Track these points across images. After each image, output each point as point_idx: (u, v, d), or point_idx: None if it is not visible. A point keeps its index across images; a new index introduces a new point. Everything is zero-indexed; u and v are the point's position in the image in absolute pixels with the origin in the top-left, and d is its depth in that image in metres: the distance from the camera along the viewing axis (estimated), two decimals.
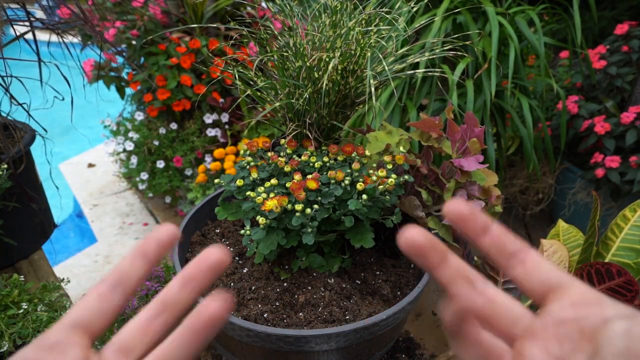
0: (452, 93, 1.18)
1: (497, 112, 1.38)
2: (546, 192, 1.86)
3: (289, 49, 0.66)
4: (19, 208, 1.05)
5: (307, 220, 0.62)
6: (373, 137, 0.75)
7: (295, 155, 0.70)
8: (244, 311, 0.64)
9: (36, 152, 1.14)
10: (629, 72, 1.71)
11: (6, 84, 0.93)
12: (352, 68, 0.65)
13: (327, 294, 0.68)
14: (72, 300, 1.02)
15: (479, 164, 0.67)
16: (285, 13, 0.69)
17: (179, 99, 1.82)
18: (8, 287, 0.87)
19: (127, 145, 1.95)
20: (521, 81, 1.42)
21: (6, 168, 0.95)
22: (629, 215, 0.77)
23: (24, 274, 1.11)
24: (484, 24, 1.30)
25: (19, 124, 1.13)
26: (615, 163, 1.55)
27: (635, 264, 0.74)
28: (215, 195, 0.85)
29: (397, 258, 0.79)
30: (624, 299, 0.66)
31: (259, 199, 0.62)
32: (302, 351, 0.59)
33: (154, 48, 1.77)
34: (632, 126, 1.57)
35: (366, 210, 0.63)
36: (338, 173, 0.63)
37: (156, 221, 2.14)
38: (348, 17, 0.66)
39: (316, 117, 0.68)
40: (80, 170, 2.67)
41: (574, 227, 0.86)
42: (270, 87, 0.69)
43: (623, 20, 1.93)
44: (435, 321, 0.98)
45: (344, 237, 0.71)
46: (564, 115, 1.48)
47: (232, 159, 1.84)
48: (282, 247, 0.66)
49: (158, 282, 1.05)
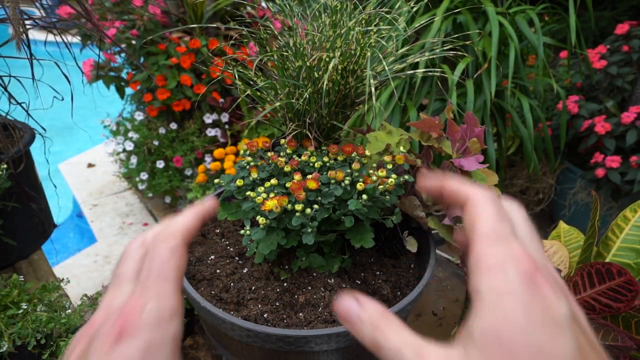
0: (452, 93, 1.18)
1: (497, 112, 1.38)
2: (546, 192, 1.86)
3: (289, 48, 0.66)
4: (18, 208, 1.05)
5: (307, 220, 0.62)
6: (373, 137, 0.75)
7: (295, 155, 0.70)
8: (244, 311, 0.64)
9: (36, 152, 1.14)
10: (629, 72, 1.71)
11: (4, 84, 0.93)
12: (352, 68, 0.65)
13: (327, 294, 0.68)
14: (72, 300, 1.02)
15: (479, 164, 0.67)
16: (285, 13, 0.69)
17: (178, 98, 1.82)
18: (8, 287, 0.87)
19: (127, 145, 1.95)
20: (521, 81, 1.42)
21: (6, 168, 0.95)
22: (630, 216, 0.77)
23: (23, 274, 1.11)
24: (484, 23, 1.30)
25: (19, 124, 1.12)
26: (616, 163, 1.55)
27: (635, 264, 0.74)
28: (215, 195, 0.85)
29: (397, 258, 0.78)
30: (624, 299, 0.65)
31: (259, 199, 0.62)
32: (302, 351, 0.59)
33: (153, 48, 1.77)
34: (633, 126, 1.57)
35: (366, 210, 0.63)
36: (338, 173, 0.63)
37: (156, 221, 2.14)
38: (348, 17, 0.66)
39: (316, 117, 0.68)
40: (80, 170, 2.67)
41: (575, 228, 0.86)
42: (270, 87, 0.69)
43: (623, 20, 1.93)
44: (435, 321, 0.98)
45: (344, 237, 0.71)
46: (564, 115, 1.48)
47: (232, 159, 1.84)
48: (282, 247, 0.65)
49: None
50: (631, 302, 0.65)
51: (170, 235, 0.26)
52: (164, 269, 0.24)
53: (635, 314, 0.66)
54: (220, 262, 0.74)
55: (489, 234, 0.25)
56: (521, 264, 0.23)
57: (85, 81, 1.83)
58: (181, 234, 0.26)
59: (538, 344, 0.21)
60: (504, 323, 0.21)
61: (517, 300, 0.22)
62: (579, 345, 0.22)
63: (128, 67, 1.90)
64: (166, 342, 0.22)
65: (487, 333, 0.22)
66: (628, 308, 0.66)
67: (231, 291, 0.67)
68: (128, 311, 0.22)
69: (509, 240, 0.24)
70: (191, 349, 1.03)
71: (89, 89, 1.72)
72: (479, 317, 0.22)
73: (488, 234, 0.25)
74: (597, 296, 0.67)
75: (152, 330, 0.22)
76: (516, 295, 0.22)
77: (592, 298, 0.68)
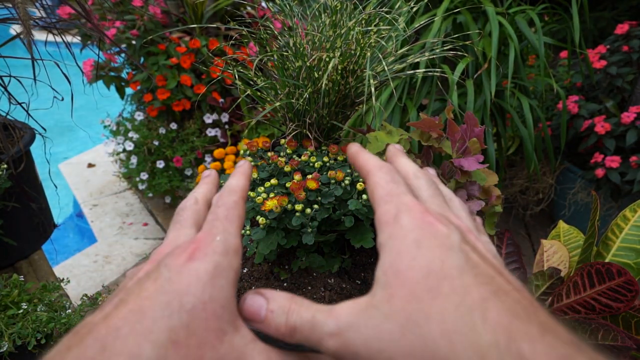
0: (452, 93, 1.18)
1: (497, 112, 1.38)
2: (546, 192, 1.86)
3: (288, 48, 0.66)
4: (18, 208, 1.05)
5: (307, 220, 0.62)
6: (373, 137, 0.75)
7: (295, 155, 0.70)
8: None
9: (36, 152, 1.14)
10: (629, 72, 1.71)
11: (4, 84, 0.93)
12: (352, 68, 0.65)
13: (327, 294, 0.68)
14: (72, 300, 1.02)
15: (479, 164, 0.67)
16: (285, 13, 0.69)
17: (178, 99, 1.82)
18: (8, 287, 0.87)
19: (127, 145, 1.95)
20: (521, 81, 1.42)
21: (6, 168, 0.95)
22: (629, 216, 0.77)
23: (23, 274, 1.11)
24: (484, 24, 1.30)
25: (19, 124, 1.12)
26: (616, 163, 1.55)
27: (635, 264, 0.74)
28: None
29: None
30: (624, 299, 0.65)
31: (259, 199, 0.62)
32: (302, 351, 0.59)
33: (153, 48, 1.77)
34: (633, 126, 1.57)
35: (366, 210, 0.63)
36: (338, 173, 0.63)
37: (156, 221, 2.14)
38: (348, 17, 0.66)
39: (316, 117, 0.68)
40: (80, 170, 2.67)
41: (574, 228, 0.86)
42: (270, 87, 0.69)
43: (623, 20, 1.93)
44: None
45: (344, 237, 0.71)
46: (564, 115, 1.48)
47: (232, 159, 1.84)
48: (282, 247, 0.66)
49: None
50: (631, 302, 0.65)
51: (233, 191, 0.29)
52: (230, 214, 0.27)
53: (635, 314, 0.66)
54: None
55: (383, 196, 0.27)
56: (413, 212, 0.25)
57: (86, 81, 1.83)
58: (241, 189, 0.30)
59: (427, 265, 0.22)
60: (398, 258, 0.23)
61: (410, 238, 0.24)
62: (468, 259, 0.23)
63: (128, 67, 1.90)
64: (231, 269, 0.25)
65: (386, 272, 0.23)
66: (628, 308, 0.66)
67: None
68: (200, 240, 0.25)
69: (400, 197, 0.26)
70: None
71: (89, 89, 1.72)
72: (380, 263, 0.24)
73: (382, 196, 0.27)
74: (597, 296, 0.67)
75: (221, 256, 0.24)
76: (409, 234, 0.24)
77: (592, 298, 0.68)
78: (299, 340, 0.26)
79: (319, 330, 0.24)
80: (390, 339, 0.21)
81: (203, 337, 0.22)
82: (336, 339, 0.23)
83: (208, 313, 0.23)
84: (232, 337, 0.24)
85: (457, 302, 0.21)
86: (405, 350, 0.21)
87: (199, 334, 0.22)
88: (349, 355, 0.23)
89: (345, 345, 0.23)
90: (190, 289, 0.23)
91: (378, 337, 0.22)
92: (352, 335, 0.23)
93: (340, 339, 0.23)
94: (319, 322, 0.24)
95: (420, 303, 0.21)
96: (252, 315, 0.27)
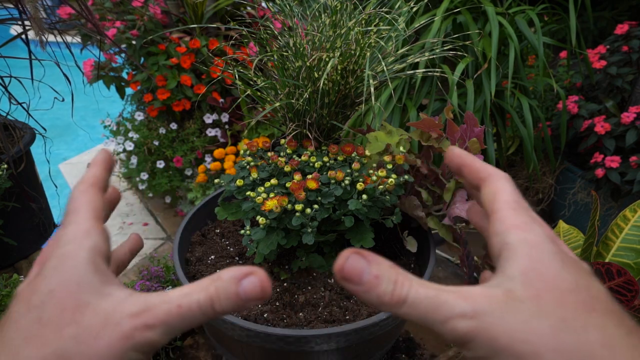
0: (452, 93, 1.18)
1: (497, 112, 1.38)
2: (546, 192, 1.86)
3: (288, 49, 0.66)
4: (18, 208, 1.05)
5: (307, 220, 0.62)
6: (373, 137, 0.75)
7: (295, 155, 0.70)
8: (244, 311, 0.64)
9: (36, 152, 1.14)
10: (629, 72, 1.71)
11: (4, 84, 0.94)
12: (352, 68, 0.65)
13: (327, 294, 0.68)
14: None
15: None
16: (285, 13, 0.69)
17: (179, 99, 1.82)
18: (8, 287, 0.87)
19: (127, 145, 1.95)
20: (521, 81, 1.42)
21: (6, 168, 0.95)
22: (629, 216, 0.77)
23: (24, 274, 1.11)
24: (484, 24, 1.30)
25: (19, 124, 1.13)
26: (616, 163, 1.55)
27: (635, 264, 0.74)
28: (215, 195, 0.85)
29: (397, 258, 0.79)
30: (624, 298, 0.66)
31: (259, 199, 0.62)
32: (302, 351, 0.59)
33: (154, 48, 1.77)
34: (632, 126, 1.57)
35: (366, 210, 0.63)
36: (338, 173, 0.63)
37: (156, 221, 2.14)
38: (348, 17, 0.66)
39: (316, 117, 0.68)
40: (80, 170, 2.67)
41: (574, 228, 0.86)
42: (270, 87, 0.69)
43: (623, 20, 1.93)
44: None
45: (344, 237, 0.71)
46: (564, 115, 1.48)
47: (232, 159, 1.84)
48: (282, 247, 0.66)
49: (158, 282, 1.05)
50: (631, 302, 0.65)
51: (79, 182, 0.33)
52: (76, 205, 0.30)
53: (635, 314, 0.67)
54: (220, 262, 0.74)
55: (511, 202, 0.28)
56: (544, 227, 0.27)
57: (86, 81, 1.83)
58: (87, 179, 0.33)
59: (575, 280, 0.25)
60: (542, 264, 0.25)
61: (549, 250, 0.26)
62: (605, 290, 0.25)
63: (128, 67, 1.90)
64: (79, 251, 0.27)
65: (528, 272, 0.25)
66: (628, 308, 0.66)
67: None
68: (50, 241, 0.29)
69: (529, 210, 0.28)
70: (191, 349, 1.03)
71: (89, 89, 1.72)
72: (516, 261, 0.25)
73: (511, 202, 0.28)
74: None
75: (65, 246, 0.27)
76: (547, 246, 0.26)
77: None
78: (407, 313, 0.25)
79: (448, 310, 0.24)
80: (540, 333, 0.23)
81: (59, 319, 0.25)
82: (470, 321, 0.24)
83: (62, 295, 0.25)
84: (97, 305, 0.25)
85: (616, 323, 0.23)
86: (553, 347, 0.22)
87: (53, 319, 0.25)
88: (483, 340, 0.24)
89: (482, 329, 0.24)
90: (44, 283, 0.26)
91: (523, 330, 0.23)
92: (492, 321, 0.24)
93: (475, 322, 0.24)
94: (448, 302, 0.25)
95: (575, 312, 0.23)
96: (352, 277, 0.26)
